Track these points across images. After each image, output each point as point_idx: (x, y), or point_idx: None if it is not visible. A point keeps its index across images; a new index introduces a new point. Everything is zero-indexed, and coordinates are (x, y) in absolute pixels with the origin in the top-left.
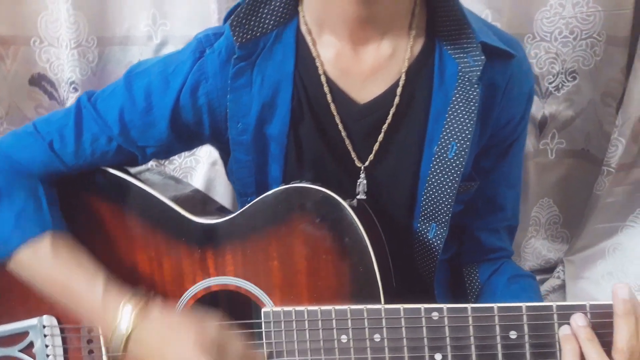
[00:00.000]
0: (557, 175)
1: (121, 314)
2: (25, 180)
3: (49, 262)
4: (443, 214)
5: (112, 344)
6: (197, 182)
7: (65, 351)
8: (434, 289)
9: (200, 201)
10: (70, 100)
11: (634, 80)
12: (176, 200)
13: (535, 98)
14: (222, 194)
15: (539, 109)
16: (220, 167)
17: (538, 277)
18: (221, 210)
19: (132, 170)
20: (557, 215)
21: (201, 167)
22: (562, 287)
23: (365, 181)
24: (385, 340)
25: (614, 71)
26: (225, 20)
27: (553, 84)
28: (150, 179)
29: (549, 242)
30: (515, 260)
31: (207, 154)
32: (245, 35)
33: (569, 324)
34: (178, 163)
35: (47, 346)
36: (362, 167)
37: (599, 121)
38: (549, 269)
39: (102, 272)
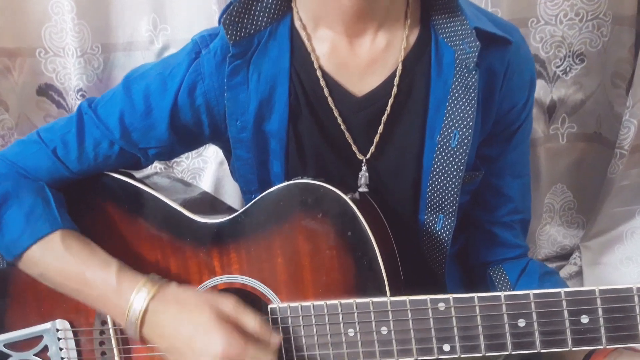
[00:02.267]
0: (570, 160)
1: (136, 295)
2: (32, 183)
3: (61, 255)
4: (450, 205)
5: (127, 325)
6: (206, 182)
7: (79, 353)
8: (445, 281)
9: (208, 202)
10: None
11: None
12: (184, 202)
13: (543, 83)
14: (231, 192)
15: (547, 94)
16: (227, 167)
17: (554, 264)
18: (229, 210)
19: (140, 174)
20: (571, 200)
21: (209, 168)
22: (579, 274)
23: (367, 174)
24: (393, 332)
25: (622, 51)
26: (220, 20)
27: (560, 68)
28: (159, 182)
29: (564, 229)
30: (530, 247)
31: (214, 153)
32: (238, 34)
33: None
34: (186, 165)
35: (61, 349)
36: (364, 160)
37: (609, 103)
38: (565, 256)
39: (114, 258)
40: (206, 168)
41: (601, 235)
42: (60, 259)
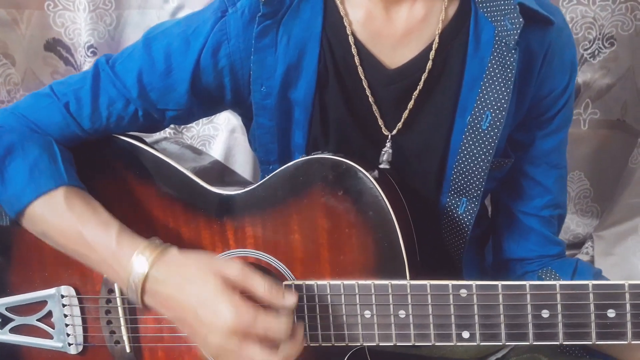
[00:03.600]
0: (590, 147)
1: (135, 260)
2: (40, 137)
3: (62, 213)
4: (474, 189)
5: (129, 292)
6: (216, 150)
7: (84, 321)
8: (461, 267)
9: (221, 172)
10: (87, 65)
11: None
12: (194, 170)
13: None
14: (242, 162)
15: None
16: (239, 135)
17: (566, 253)
18: (240, 182)
19: (149, 139)
20: (587, 189)
21: (220, 135)
22: (590, 264)
23: (390, 150)
24: (411, 316)
25: None
26: None
27: (589, 51)
28: (168, 148)
29: (579, 217)
30: None
31: (225, 120)
32: None
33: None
34: (196, 131)
35: (65, 316)
36: (389, 136)
37: (637, 90)
38: (577, 244)
39: (116, 220)
40: (217, 136)
41: (616, 225)
42: (61, 217)
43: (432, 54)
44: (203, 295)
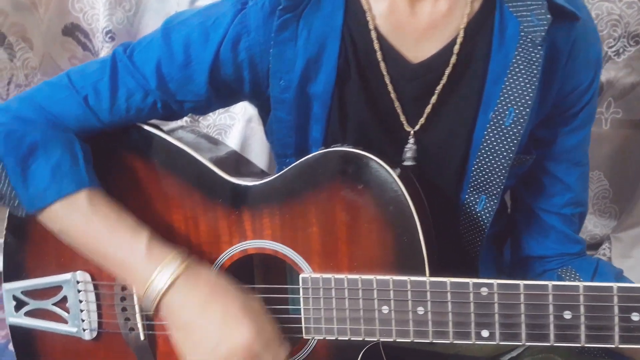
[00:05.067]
0: (611, 147)
1: (162, 269)
2: (61, 134)
3: (86, 215)
4: (494, 186)
5: (146, 296)
6: (233, 140)
7: (99, 307)
8: (478, 265)
9: (237, 162)
10: (105, 50)
11: None
12: (212, 160)
13: None
14: (258, 152)
15: None
16: (255, 125)
17: None
18: (257, 173)
19: (165, 127)
20: (606, 189)
21: (237, 125)
22: (611, 264)
23: (415, 147)
24: (430, 313)
25: None
26: None
27: (613, 49)
28: (184, 137)
29: (596, 217)
30: None
31: (242, 110)
32: None
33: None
34: (212, 120)
35: (80, 301)
36: (412, 132)
37: None
38: (594, 245)
39: (145, 226)
40: (233, 125)
41: (634, 227)
42: (85, 219)
43: (456, 48)
44: (229, 308)
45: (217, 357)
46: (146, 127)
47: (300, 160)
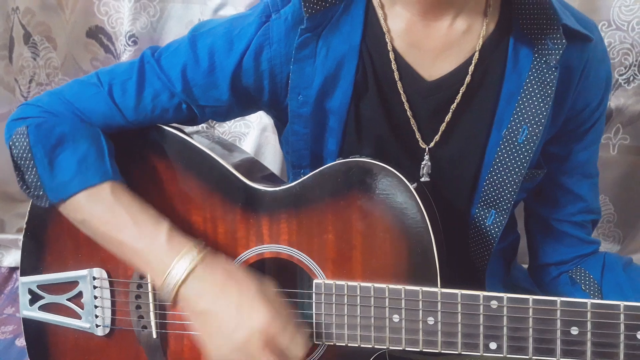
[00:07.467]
0: (617, 173)
1: (180, 259)
2: (89, 128)
3: (109, 205)
4: (505, 201)
5: (165, 284)
6: (247, 147)
7: (113, 304)
8: (485, 278)
9: (253, 167)
10: (127, 54)
11: None
12: (231, 164)
13: None
14: (271, 161)
15: None
16: (270, 134)
17: None
18: (273, 179)
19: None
20: (611, 214)
21: (252, 133)
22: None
23: (429, 163)
24: (440, 324)
25: None
26: None
27: (624, 76)
28: (202, 142)
29: (600, 241)
30: None
31: (257, 118)
32: (315, 7)
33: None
34: (227, 127)
35: (95, 298)
36: (427, 149)
37: None
38: None
39: (166, 219)
40: (248, 133)
41: (637, 252)
42: (108, 209)
43: (471, 68)
44: (244, 294)
45: (235, 342)
46: (168, 128)
47: (320, 169)
